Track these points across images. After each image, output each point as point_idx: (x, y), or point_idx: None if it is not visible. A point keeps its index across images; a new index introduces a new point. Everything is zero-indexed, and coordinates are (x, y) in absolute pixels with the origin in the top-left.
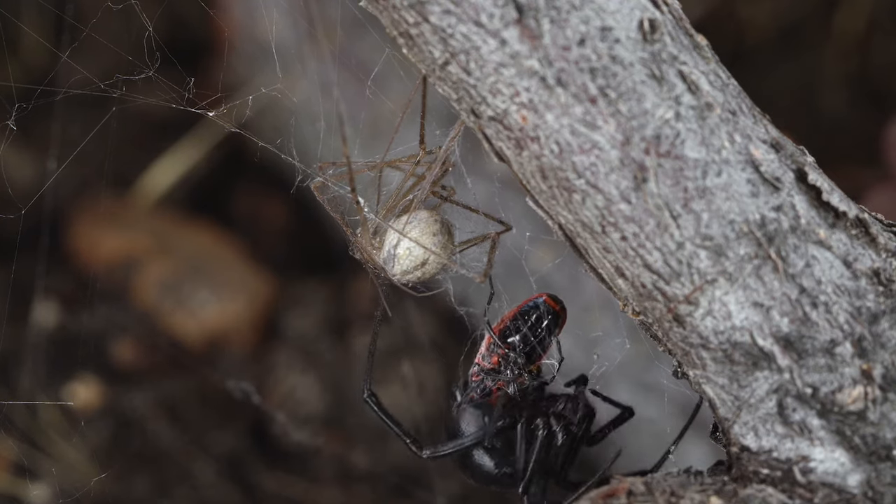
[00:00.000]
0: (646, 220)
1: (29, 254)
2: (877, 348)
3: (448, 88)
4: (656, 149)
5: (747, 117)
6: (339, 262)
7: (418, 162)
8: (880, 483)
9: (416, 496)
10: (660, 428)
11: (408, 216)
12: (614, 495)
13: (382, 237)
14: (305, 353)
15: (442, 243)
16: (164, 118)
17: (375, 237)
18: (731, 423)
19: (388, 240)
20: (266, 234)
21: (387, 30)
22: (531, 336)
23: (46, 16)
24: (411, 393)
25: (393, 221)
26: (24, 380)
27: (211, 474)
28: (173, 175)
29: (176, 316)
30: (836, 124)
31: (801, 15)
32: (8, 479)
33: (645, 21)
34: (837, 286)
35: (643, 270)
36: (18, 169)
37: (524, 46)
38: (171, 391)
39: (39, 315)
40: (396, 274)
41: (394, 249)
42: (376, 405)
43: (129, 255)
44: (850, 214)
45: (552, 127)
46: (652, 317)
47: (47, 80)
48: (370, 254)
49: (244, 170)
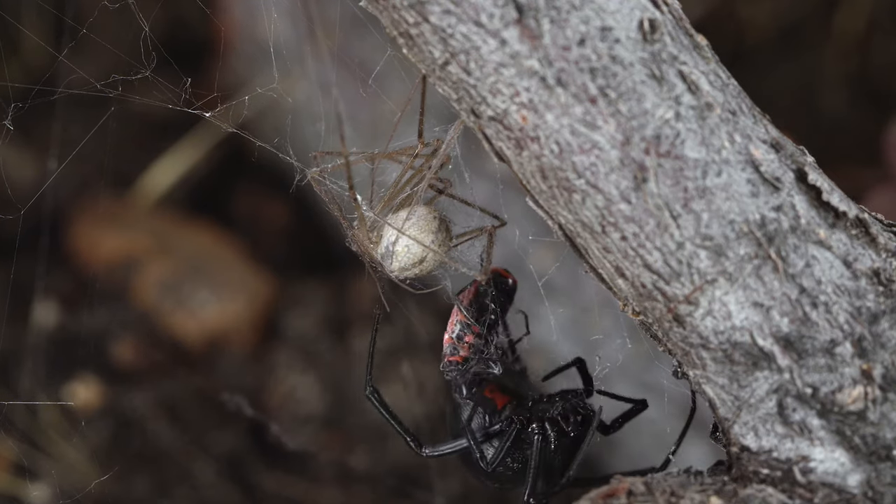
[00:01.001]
0: (646, 220)
1: (29, 254)
2: (877, 348)
3: (448, 88)
4: (656, 149)
5: (747, 117)
6: (339, 262)
7: (416, 154)
8: (880, 483)
9: (416, 496)
10: (660, 428)
11: (406, 212)
12: (614, 495)
13: (380, 232)
14: (305, 353)
15: (440, 241)
16: (164, 118)
17: (373, 232)
18: (731, 423)
19: (386, 236)
20: (266, 234)
21: (387, 30)
22: (498, 311)
23: (46, 16)
24: (411, 392)
25: (391, 217)
26: (24, 380)
27: (211, 474)
28: (173, 175)
29: (176, 316)
30: (836, 124)
31: (801, 15)
32: (8, 479)
33: (645, 21)
34: (837, 286)
35: (643, 270)
36: (18, 169)
37: (524, 46)
38: (171, 391)
39: (39, 315)
40: (394, 270)
41: (392, 246)
42: (378, 402)
43: (129, 255)
44: (850, 214)
45: (552, 127)
46: (652, 317)
47: (43, 79)
48: (367, 248)
49: (244, 170)
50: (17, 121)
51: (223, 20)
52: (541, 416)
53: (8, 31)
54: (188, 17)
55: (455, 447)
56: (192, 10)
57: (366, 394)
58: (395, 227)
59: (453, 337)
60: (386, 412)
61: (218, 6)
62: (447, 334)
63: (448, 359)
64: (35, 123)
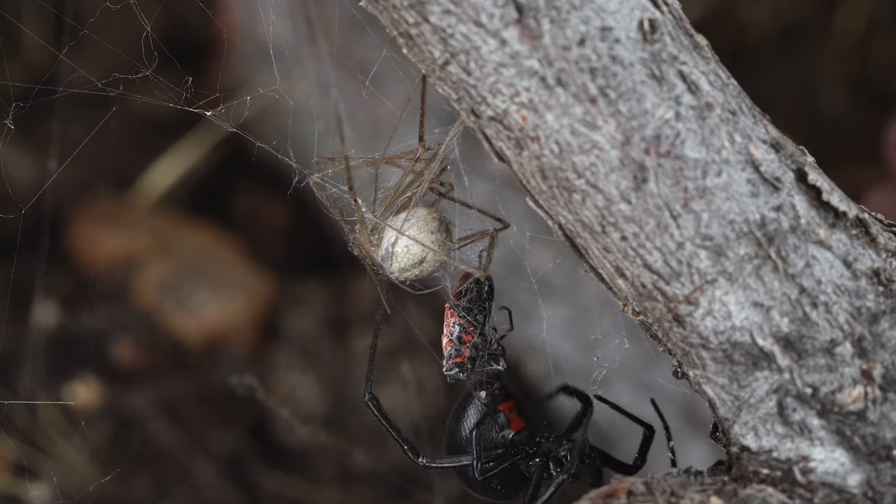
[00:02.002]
0: (646, 220)
1: (29, 254)
2: (877, 348)
3: (448, 88)
4: (656, 149)
5: (747, 117)
6: (339, 262)
7: (417, 158)
8: (880, 483)
9: (416, 496)
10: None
11: (406, 213)
12: (614, 495)
13: (381, 234)
14: (305, 353)
15: (440, 241)
16: (164, 118)
17: (374, 234)
18: (731, 423)
19: (387, 237)
20: (266, 234)
21: (386, 30)
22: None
23: (47, 15)
24: (411, 393)
25: (391, 219)
26: (24, 380)
27: (211, 474)
28: (173, 175)
29: (176, 316)
30: (836, 124)
31: (801, 15)
32: (8, 479)
33: (645, 21)
34: (837, 286)
35: (643, 270)
36: (18, 169)
37: (524, 46)
38: (171, 391)
39: (39, 315)
40: (394, 272)
41: (392, 247)
42: (376, 408)
43: (129, 255)
44: (850, 214)
45: (552, 127)
46: (652, 317)
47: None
48: (369, 251)
49: (244, 170)
50: (18, 120)
51: (223, 20)
52: (548, 453)
53: (8, 30)
54: (188, 17)
55: (454, 463)
56: (192, 10)
57: (364, 401)
58: (393, 228)
59: (453, 339)
60: (384, 420)
61: (218, 6)
62: (445, 337)
63: (452, 361)
64: (35, 123)
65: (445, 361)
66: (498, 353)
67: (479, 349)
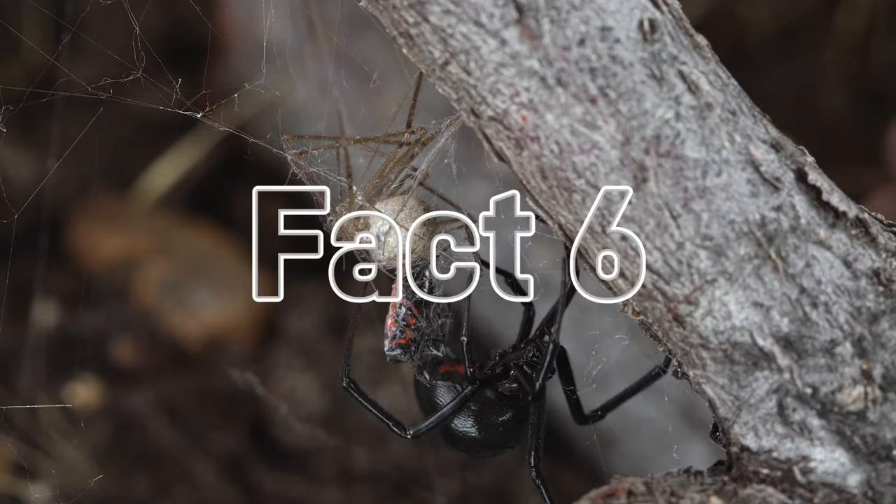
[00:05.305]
0: (646, 220)
1: (28, 254)
2: (877, 348)
3: (448, 88)
4: (656, 149)
5: (747, 117)
6: (339, 262)
7: (401, 143)
8: (880, 483)
9: (416, 496)
10: (660, 428)
11: (402, 203)
12: (614, 495)
13: (366, 219)
14: (305, 353)
15: (429, 231)
16: (163, 118)
17: (358, 218)
18: (731, 423)
19: (376, 226)
20: (266, 234)
21: (386, 30)
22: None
23: (47, 15)
24: (410, 393)
25: (381, 206)
26: (24, 380)
27: (211, 474)
28: (173, 175)
29: (176, 316)
30: (836, 124)
31: (801, 15)
32: (8, 479)
33: (645, 21)
34: (837, 286)
35: (643, 270)
36: (18, 169)
37: (524, 46)
38: (171, 391)
39: (39, 315)
40: (383, 260)
41: (384, 237)
42: (356, 391)
43: (129, 255)
44: (850, 214)
45: (552, 127)
46: (652, 317)
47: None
48: (352, 234)
49: (244, 170)
50: (17, 120)
51: (223, 20)
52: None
53: (7, 30)
54: (188, 16)
55: (436, 421)
56: (191, 10)
57: (343, 385)
58: (383, 216)
59: (398, 320)
60: (365, 401)
61: (218, 6)
62: (390, 318)
63: (395, 342)
64: (35, 123)
65: (388, 342)
66: (440, 339)
67: (422, 333)
